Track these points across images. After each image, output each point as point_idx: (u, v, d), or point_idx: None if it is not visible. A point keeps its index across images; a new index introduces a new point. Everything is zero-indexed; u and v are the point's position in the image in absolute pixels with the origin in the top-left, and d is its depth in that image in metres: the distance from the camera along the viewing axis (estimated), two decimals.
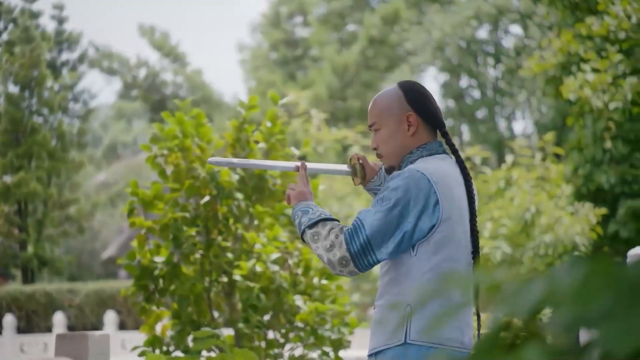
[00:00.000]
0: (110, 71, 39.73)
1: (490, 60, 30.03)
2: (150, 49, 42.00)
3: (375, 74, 30.90)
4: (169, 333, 4.75)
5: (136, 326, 19.83)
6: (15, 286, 22.11)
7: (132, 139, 42.74)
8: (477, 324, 2.65)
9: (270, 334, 4.91)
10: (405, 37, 30.25)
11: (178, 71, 39.81)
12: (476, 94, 30.43)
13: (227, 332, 4.99)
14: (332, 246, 2.55)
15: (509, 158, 12.97)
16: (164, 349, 4.70)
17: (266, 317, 4.80)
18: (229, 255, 4.77)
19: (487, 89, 30.12)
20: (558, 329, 0.69)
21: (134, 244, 4.78)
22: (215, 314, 4.87)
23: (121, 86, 40.65)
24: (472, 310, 2.74)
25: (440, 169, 2.61)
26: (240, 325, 4.73)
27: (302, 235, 2.66)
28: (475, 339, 3.02)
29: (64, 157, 24.31)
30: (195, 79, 39.14)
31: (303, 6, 34.19)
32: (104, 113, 43.45)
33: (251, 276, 4.79)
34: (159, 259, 4.73)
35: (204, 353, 4.63)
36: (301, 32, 35.34)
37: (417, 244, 2.55)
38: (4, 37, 24.71)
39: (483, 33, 30.13)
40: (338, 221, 2.64)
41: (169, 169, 4.83)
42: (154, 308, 4.76)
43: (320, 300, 4.95)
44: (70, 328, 20.29)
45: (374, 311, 2.64)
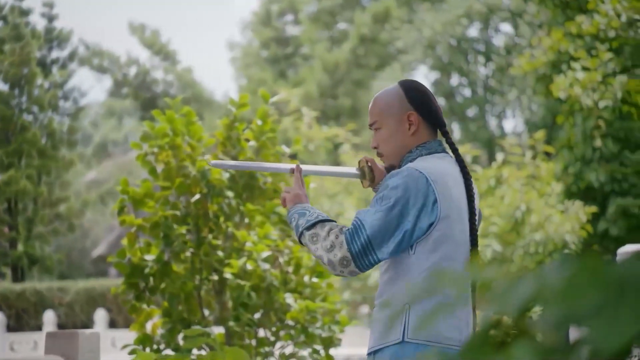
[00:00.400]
0: (101, 69, 39.63)
1: (480, 59, 30.08)
2: (141, 47, 41.94)
3: (366, 72, 30.91)
4: (160, 331, 4.75)
5: (126, 324, 19.80)
6: (5, 284, 22.04)
7: (123, 137, 42.65)
8: (473, 322, 2.66)
9: (261, 332, 4.91)
10: (396, 36, 30.27)
11: (168, 69, 39.75)
12: (467, 92, 30.48)
13: (218, 331, 4.99)
14: (333, 246, 2.55)
15: (500, 156, 12.99)
16: (155, 347, 4.70)
17: (257, 315, 4.80)
18: (220, 253, 4.77)
19: (478, 87, 30.17)
20: (548, 326, 0.69)
21: (124, 242, 4.77)
22: (206, 312, 4.87)
23: (111, 84, 40.56)
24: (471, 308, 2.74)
25: (438, 168, 2.61)
26: (231, 323, 4.73)
27: (300, 237, 2.65)
28: None
29: (54, 155, 24.25)
30: (186, 77, 39.08)
31: (294, 4, 34.17)
32: (94, 111, 43.34)
33: (242, 274, 4.78)
34: (150, 257, 4.72)
35: (195, 351, 4.62)
36: (292, 30, 35.32)
37: (416, 242, 2.55)
38: None
39: (474, 31, 30.19)
40: (335, 222, 2.64)
41: (160, 167, 4.82)
42: (145, 306, 4.75)
43: (310, 299, 4.95)
44: (61, 326, 20.25)
45: (374, 310, 2.65)
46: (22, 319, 20.78)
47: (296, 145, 5.21)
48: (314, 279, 4.98)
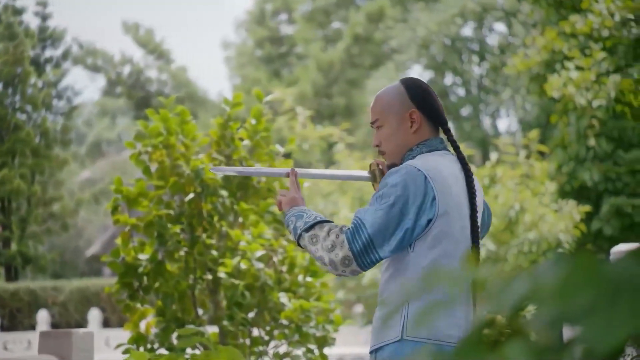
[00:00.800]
0: (94, 68, 39.57)
1: (474, 58, 30.11)
2: (135, 46, 41.93)
3: (360, 71, 30.92)
4: (153, 330, 4.74)
5: (120, 324, 19.78)
6: None
7: (116, 136, 42.61)
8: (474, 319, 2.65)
9: (255, 332, 4.90)
10: (390, 35, 30.28)
11: (162, 68, 39.70)
12: (461, 92, 30.50)
13: (212, 330, 4.98)
14: (334, 246, 2.54)
15: (494, 156, 13.01)
16: (148, 346, 4.69)
17: (251, 315, 4.80)
18: (214, 252, 4.76)
19: (472, 87, 30.20)
20: (541, 325, 0.69)
21: (118, 241, 4.76)
22: (200, 312, 4.86)
23: (105, 83, 40.51)
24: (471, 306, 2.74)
25: (437, 166, 2.61)
26: (225, 322, 4.73)
27: (299, 240, 2.64)
28: None
29: (48, 155, 24.21)
30: (180, 76, 39.05)
31: (288, 3, 34.16)
32: (88, 110, 43.28)
33: (236, 274, 4.78)
34: (143, 257, 4.72)
35: (189, 350, 4.62)
36: (286, 30, 35.31)
37: (415, 240, 2.56)
38: None
39: (468, 31, 30.22)
40: (334, 222, 2.64)
41: (153, 166, 4.82)
42: (138, 305, 4.74)
43: (305, 298, 4.95)
44: (54, 326, 20.22)
45: (377, 308, 2.65)
46: (16, 318, 20.75)
47: (290, 144, 5.20)
48: (308, 278, 4.98)
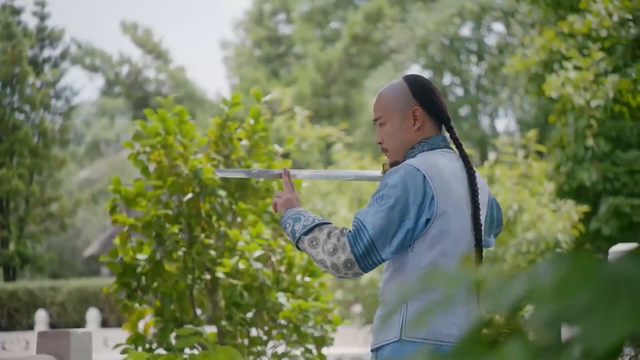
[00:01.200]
0: (93, 68, 39.55)
1: (473, 58, 30.12)
2: (133, 46, 41.88)
3: (358, 71, 30.92)
4: (152, 330, 4.74)
5: (119, 324, 19.77)
6: None
7: (115, 136, 42.60)
8: None
9: (253, 332, 4.90)
10: (388, 35, 30.29)
11: (161, 68, 39.68)
12: (459, 92, 30.50)
13: (210, 330, 4.97)
14: (336, 249, 2.53)
15: (492, 155, 13.01)
16: (147, 346, 4.69)
17: (249, 315, 4.80)
18: (212, 252, 4.76)
19: (470, 87, 30.21)
20: (540, 325, 0.69)
21: (117, 241, 4.76)
22: (198, 312, 4.86)
23: (103, 83, 40.49)
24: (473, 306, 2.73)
25: (437, 164, 2.59)
26: (223, 322, 4.73)
27: (298, 243, 2.63)
28: None
29: (46, 154, 24.20)
30: (178, 76, 39.03)
31: (286, 3, 34.15)
32: (86, 110, 43.27)
33: (234, 273, 4.78)
34: (142, 257, 4.72)
35: (187, 351, 4.62)
36: (284, 30, 35.31)
37: (414, 239, 2.55)
38: None
39: (466, 31, 30.21)
40: (332, 224, 2.63)
41: (152, 166, 4.81)
42: (137, 305, 4.74)
43: (303, 298, 4.95)
44: (53, 326, 20.21)
45: (378, 307, 2.66)
46: (14, 318, 20.74)
47: (289, 144, 5.20)
48: (307, 278, 4.98)
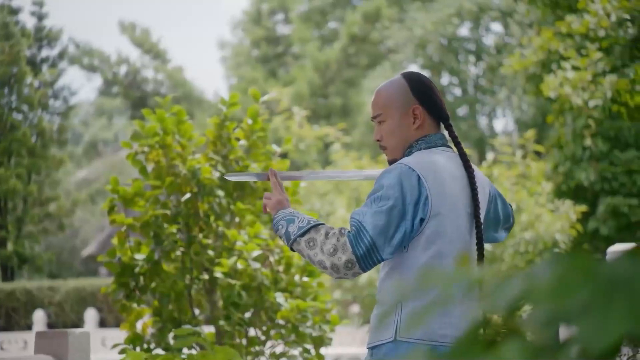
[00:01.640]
0: (91, 68, 39.53)
1: (471, 58, 30.12)
2: (131, 46, 41.84)
3: (356, 71, 30.92)
4: (150, 331, 4.74)
5: (117, 324, 19.76)
6: None
7: (113, 136, 42.58)
8: None
9: (252, 332, 4.90)
10: (386, 35, 30.29)
11: (159, 68, 39.67)
12: (457, 92, 30.51)
13: (208, 330, 4.97)
14: (336, 250, 2.53)
15: (490, 155, 13.02)
16: (145, 346, 4.69)
17: (247, 315, 4.79)
18: (210, 252, 4.76)
19: (468, 87, 30.21)
20: (537, 325, 0.69)
21: (115, 241, 4.76)
22: (196, 312, 4.86)
23: (102, 83, 40.47)
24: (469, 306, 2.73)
25: (433, 163, 2.58)
26: (221, 322, 4.73)
27: (292, 244, 2.61)
28: None
29: (44, 154, 24.19)
30: (177, 76, 39.02)
31: (284, 3, 34.15)
32: (84, 110, 43.25)
33: (232, 273, 4.78)
34: (140, 257, 4.71)
35: (185, 350, 4.61)
36: (283, 30, 35.31)
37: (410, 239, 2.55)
38: None
39: (464, 31, 30.22)
40: (326, 224, 2.62)
41: (150, 166, 4.81)
42: (135, 305, 4.74)
43: (301, 298, 4.95)
44: (51, 326, 20.20)
45: (375, 306, 2.66)
46: (12, 318, 20.72)
47: (287, 144, 5.20)
48: (305, 278, 4.97)
